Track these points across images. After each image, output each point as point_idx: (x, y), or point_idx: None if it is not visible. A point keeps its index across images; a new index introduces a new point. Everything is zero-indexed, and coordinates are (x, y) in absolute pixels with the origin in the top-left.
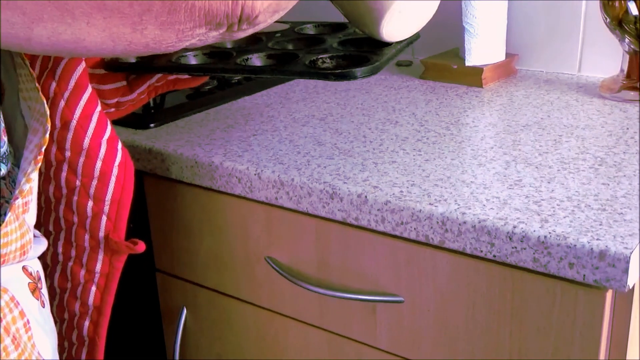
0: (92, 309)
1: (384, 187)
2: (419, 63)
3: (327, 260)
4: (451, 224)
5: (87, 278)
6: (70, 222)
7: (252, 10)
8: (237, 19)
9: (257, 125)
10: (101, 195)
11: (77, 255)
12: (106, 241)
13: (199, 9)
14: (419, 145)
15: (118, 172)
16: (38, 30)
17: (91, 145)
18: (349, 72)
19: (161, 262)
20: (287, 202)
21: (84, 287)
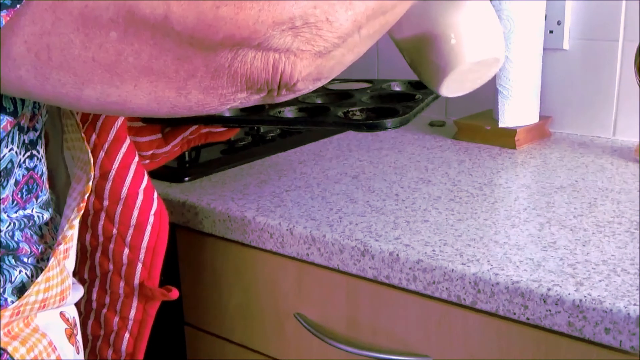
0: (124, 355)
1: (416, 246)
2: (452, 123)
3: (357, 318)
4: (484, 285)
5: (120, 325)
6: (105, 270)
7: (290, 78)
8: (277, 86)
9: (290, 181)
10: (137, 243)
11: (111, 303)
12: (141, 288)
13: (240, 75)
14: (451, 204)
15: (154, 221)
16: (88, 91)
17: (129, 194)
18: (380, 122)
19: (190, 316)
20: (319, 259)
21: (117, 334)
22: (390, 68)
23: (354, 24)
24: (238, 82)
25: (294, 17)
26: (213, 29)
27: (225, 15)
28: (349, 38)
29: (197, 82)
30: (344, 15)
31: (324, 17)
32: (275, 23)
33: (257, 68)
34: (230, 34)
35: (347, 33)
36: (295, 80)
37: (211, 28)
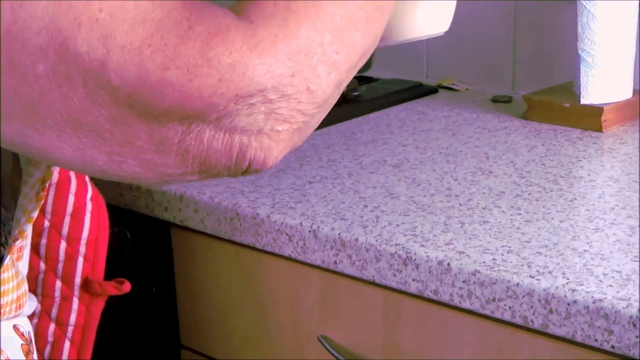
0: None
1: (472, 254)
2: (520, 99)
3: (397, 343)
4: (557, 304)
5: (57, 334)
6: (35, 271)
7: (262, 166)
8: (242, 172)
9: (314, 170)
10: (76, 234)
11: (43, 310)
12: (85, 285)
13: (193, 155)
14: (518, 202)
15: (92, 207)
16: (5, 126)
17: (61, 178)
18: None
19: (188, 337)
20: (349, 268)
21: (55, 346)
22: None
23: (337, 85)
24: (189, 164)
25: (265, 89)
26: (158, 94)
27: (175, 81)
28: (329, 100)
29: (136, 152)
30: (327, 79)
31: (304, 86)
32: (240, 97)
33: (216, 150)
34: (179, 103)
35: (328, 96)
36: (268, 167)
37: (155, 92)
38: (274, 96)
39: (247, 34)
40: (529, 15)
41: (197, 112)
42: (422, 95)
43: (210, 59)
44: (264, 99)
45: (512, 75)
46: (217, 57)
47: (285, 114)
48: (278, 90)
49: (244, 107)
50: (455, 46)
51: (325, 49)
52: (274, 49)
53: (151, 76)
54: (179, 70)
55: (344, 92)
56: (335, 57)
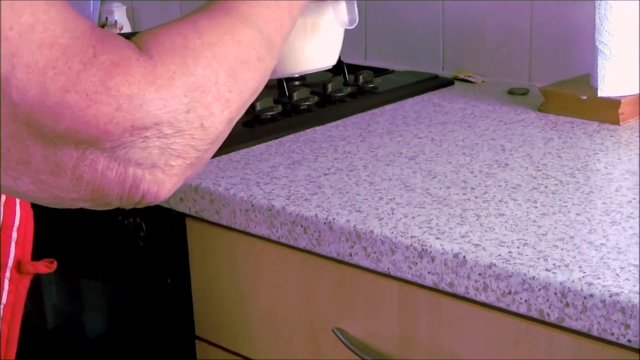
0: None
1: (488, 246)
2: (537, 92)
3: (412, 336)
4: (573, 297)
5: None
6: None
7: (155, 199)
8: (134, 203)
9: (329, 162)
10: (9, 221)
11: None
12: (18, 266)
13: (86, 182)
14: (534, 195)
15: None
16: None
17: None
18: None
19: (203, 328)
20: (364, 260)
21: None
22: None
23: (229, 122)
24: (82, 190)
25: (160, 122)
26: (55, 116)
27: (73, 104)
28: (221, 136)
29: (31, 172)
30: (220, 117)
31: (199, 122)
32: (135, 128)
33: (109, 180)
34: (75, 127)
35: (220, 133)
36: (160, 200)
37: (53, 114)
38: (169, 131)
39: (147, 68)
40: (545, 7)
41: (92, 139)
42: (438, 88)
43: (110, 87)
44: (159, 133)
45: (529, 68)
46: (117, 87)
47: (179, 150)
48: (173, 125)
49: (138, 140)
50: (471, 38)
51: (219, 87)
52: (171, 84)
53: (51, 97)
54: (79, 95)
55: (360, 84)
56: (229, 95)
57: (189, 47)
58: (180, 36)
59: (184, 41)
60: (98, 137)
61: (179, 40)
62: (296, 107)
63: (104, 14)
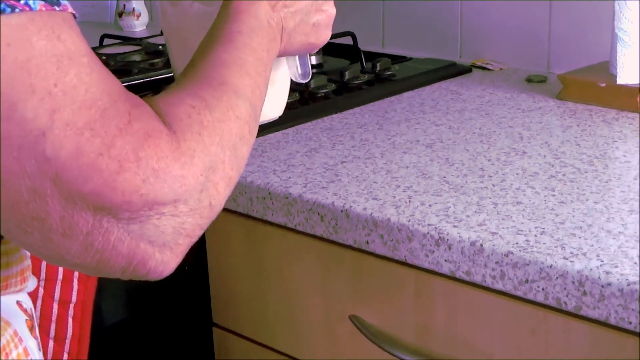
0: (70, 340)
1: (505, 235)
2: (555, 79)
3: (428, 324)
4: (591, 286)
5: (61, 312)
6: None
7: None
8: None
9: (346, 150)
10: None
11: (46, 291)
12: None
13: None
14: (552, 182)
15: None
16: None
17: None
18: None
19: (220, 315)
20: (381, 248)
21: (59, 323)
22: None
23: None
24: (89, 257)
25: (178, 200)
26: (84, 177)
27: (104, 168)
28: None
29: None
30: (223, 195)
31: (208, 201)
32: (156, 203)
33: (118, 252)
34: (100, 192)
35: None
36: (162, 277)
37: (82, 175)
38: (184, 209)
39: (173, 144)
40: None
41: (113, 206)
42: (455, 75)
43: (140, 158)
44: (174, 211)
45: (547, 55)
46: (147, 159)
47: (189, 228)
48: (188, 203)
49: (155, 215)
50: (489, 25)
51: (225, 166)
52: (193, 162)
53: (84, 158)
54: (111, 160)
55: (377, 72)
56: (231, 173)
57: (204, 124)
58: (194, 110)
59: (198, 117)
60: (119, 206)
61: (194, 115)
62: (313, 95)
63: (121, 1)
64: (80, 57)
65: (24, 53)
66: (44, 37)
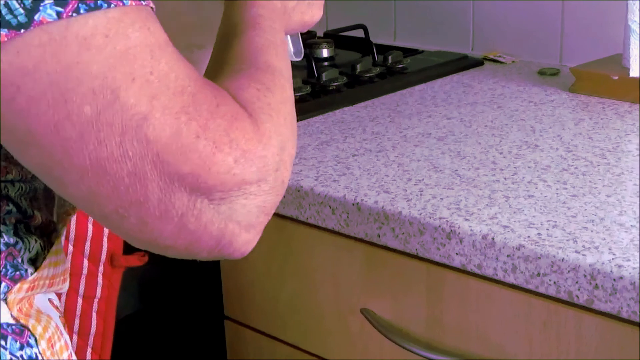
0: (95, 336)
1: (517, 228)
2: (567, 72)
3: (440, 317)
4: (603, 279)
5: (85, 307)
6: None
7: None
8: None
9: (358, 143)
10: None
11: (71, 286)
12: (111, 260)
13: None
14: (564, 176)
15: None
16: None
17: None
18: None
19: (232, 308)
20: (392, 241)
21: (83, 318)
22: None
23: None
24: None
25: (261, 179)
26: (183, 157)
27: (201, 149)
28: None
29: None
30: (290, 171)
31: (281, 179)
32: (244, 182)
33: (209, 232)
34: (197, 172)
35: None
36: (244, 255)
37: (182, 155)
38: (265, 187)
39: (254, 126)
40: None
41: (208, 186)
42: (467, 68)
43: (232, 139)
44: (258, 190)
45: (560, 48)
46: (237, 140)
47: (269, 206)
48: (268, 182)
49: (242, 195)
50: (501, 18)
51: (290, 144)
52: (271, 143)
53: (183, 140)
54: (207, 142)
55: (389, 65)
56: (293, 151)
57: (272, 106)
58: (261, 93)
59: (265, 99)
60: (214, 187)
61: (262, 98)
62: (325, 88)
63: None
64: (167, 47)
65: (122, 43)
66: (137, 29)
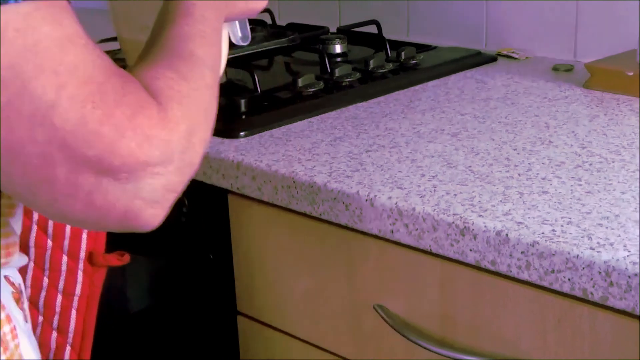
0: (73, 335)
1: (531, 224)
2: (582, 68)
3: (453, 314)
4: (618, 276)
5: (65, 304)
6: (43, 248)
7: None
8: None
9: (371, 139)
10: None
11: (50, 283)
12: (90, 258)
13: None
14: (578, 172)
15: None
16: None
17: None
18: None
19: (244, 303)
20: (406, 237)
21: (62, 315)
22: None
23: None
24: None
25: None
26: (88, 143)
27: (105, 135)
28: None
29: (51, 192)
30: (200, 154)
31: (189, 160)
32: (148, 164)
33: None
34: (102, 156)
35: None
36: (153, 229)
37: (87, 141)
38: (171, 168)
39: (161, 113)
40: None
41: (113, 168)
42: (481, 64)
43: (136, 126)
44: (163, 171)
45: (574, 43)
46: (141, 126)
47: (174, 185)
48: (174, 163)
49: (147, 175)
50: (515, 14)
51: (201, 128)
52: (178, 129)
53: (89, 127)
54: (111, 128)
55: (402, 61)
56: (206, 135)
57: (183, 93)
58: (174, 82)
59: (177, 87)
60: (118, 168)
61: (175, 86)
62: (338, 84)
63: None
64: (78, 39)
65: (31, 37)
66: (48, 22)
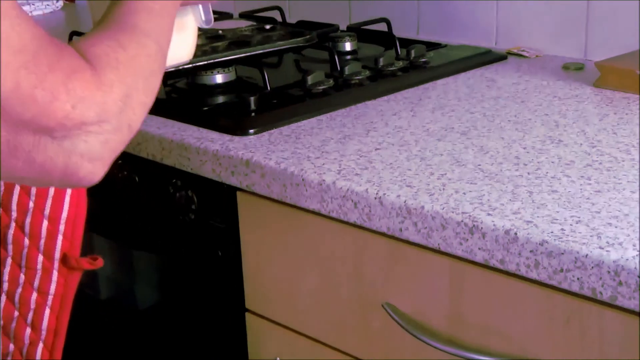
0: (46, 333)
1: (540, 223)
2: (592, 66)
3: (462, 312)
4: (627, 276)
5: (39, 302)
6: (20, 246)
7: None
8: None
9: (380, 137)
10: (56, 214)
11: (27, 280)
12: (64, 260)
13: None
14: (588, 171)
15: (72, 190)
16: None
17: None
18: None
19: (253, 301)
20: (415, 236)
21: (36, 312)
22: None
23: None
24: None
25: (102, 121)
26: (24, 107)
27: (40, 99)
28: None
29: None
30: (140, 117)
31: (127, 122)
32: (83, 123)
33: (55, 164)
34: (38, 118)
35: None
36: (94, 183)
37: (23, 104)
38: (108, 127)
39: (94, 77)
40: None
41: (49, 128)
42: (491, 62)
43: (69, 89)
44: (99, 129)
45: (584, 42)
46: (74, 89)
47: (112, 144)
48: (111, 123)
49: (83, 133)
50: (525, 12)
51: (139, 93)
52: (112, 91)
53: (23, 91)
54: (45, 92)
55: (412, 59)
56: (145, 99)
57: (119, 60)
58: (111, 49)
59: (114, 54)
60: (54, 128)
61: (111, 53)
62: (347, 82)
63: None
64: (13, 10)
65: None
66: None
